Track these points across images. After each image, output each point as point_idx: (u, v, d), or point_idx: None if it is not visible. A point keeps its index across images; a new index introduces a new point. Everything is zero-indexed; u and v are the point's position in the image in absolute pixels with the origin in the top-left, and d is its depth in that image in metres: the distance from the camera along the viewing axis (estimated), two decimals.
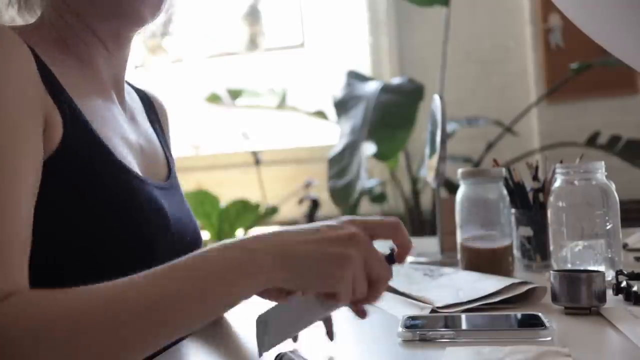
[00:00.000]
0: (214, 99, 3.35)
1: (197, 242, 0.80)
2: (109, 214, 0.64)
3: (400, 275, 0.91)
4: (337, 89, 2.73)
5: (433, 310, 0.74)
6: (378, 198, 3.07)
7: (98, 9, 0.71)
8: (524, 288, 0.76)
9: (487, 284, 0.79)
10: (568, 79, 2.63)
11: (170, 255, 0.62)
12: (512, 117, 2.75)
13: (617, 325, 0.63)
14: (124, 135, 0.74)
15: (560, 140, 2.62)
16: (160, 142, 0.86)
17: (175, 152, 0.93)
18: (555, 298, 0.72)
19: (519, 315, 0.67)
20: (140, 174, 0.72)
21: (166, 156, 0.84)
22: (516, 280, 0.79)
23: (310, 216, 3.04)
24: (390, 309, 0.76)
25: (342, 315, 0.80)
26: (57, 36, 0.72)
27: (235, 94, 3.35)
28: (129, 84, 0.87)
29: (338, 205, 2.38)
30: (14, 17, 0.76)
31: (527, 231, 1.05)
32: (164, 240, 0.69)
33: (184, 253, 0.54)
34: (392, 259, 0.57)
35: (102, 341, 0.47)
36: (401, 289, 0.84)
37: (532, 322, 0.63)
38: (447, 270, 0.94)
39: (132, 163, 0.72)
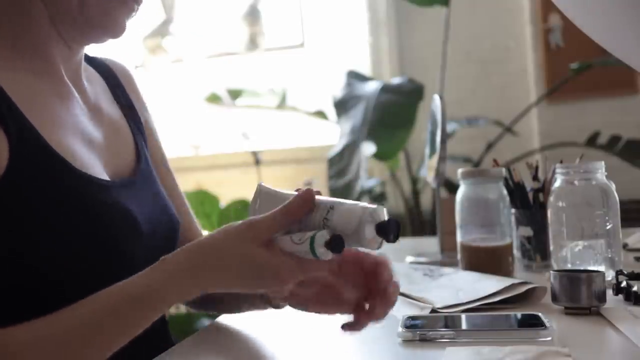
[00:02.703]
0: (214, 99, 3.35)
1: (172, 234, 0.77)
2: (72, 227, 0.62)
3: (400, 276, 0.91)
4: (337, 89, 2.73)
5: (433, 310, 0.74)
6: (378, 198, 3.07)
7: (85, 17, 0.68)
8: (524, 288, 0.76)
9: (487, 284, 0.79)
10: (568, 79, 2.63)
11: (144, 253, 0.63)
12: (512, 117, 2.74)
13: (617, 325, 0.63)
14: (85, 135, 0.71)
15: (560, 140, 2.61)
16: (129, 124, 0.81)
17: (175, 152, 0.91)
18: (555, 298, 0.72)
19: (519, 315, 0.67)
20: (104, 175, 0.69)
21: (135, 142, 0.80)
22: (516, 281, 0.79)
23: None
24: None
25: (341, 315, 0.80)
26: (12, 36, 0.68)
27: (235, 94, 3.35)
28: (88, 59, 0.82)
29: None
30: None
31: (527, 231, 1.05)
32: (134, 242, 0.67)
33: (158, 249, 0.60)
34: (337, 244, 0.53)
35: None
36: (401, 289, 0.83)
37: (532, 322, 0.63)
38: (447, 270, 0.94)
39: (95, 165, 0.69)
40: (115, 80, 0.84)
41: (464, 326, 0.64)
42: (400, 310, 0.75)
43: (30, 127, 0.63)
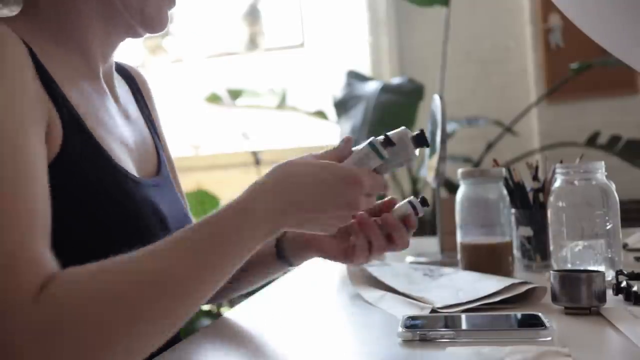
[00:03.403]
0: (214, 99, 3.35)
1: None
2: (109, 220, 0.64)
3: (400, 276, 0.91)
4: (337, 89, 2.73)
5: (433, 310, 0.74)
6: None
7: (128, 9, 0.70)
8: (524, 288, 0.76)
9: (487, 284, 0.79)
10: (568, 79, 2.63)
11: None
12: (512, 117, 2.74)
13: (617, 325, 0.63)
14: (118, 134, 0.73)
15: (560, 140, 2.62)
16: (149, 129, 0.84)
17: (175, 152, 0.93)
18: (555, 298, 0.72)
19: (519, 315, 0.67)
20: (135, 174, 0.71)
21: (155, 145, 0.83)
22: (516, 281, 0.79)
23: None
24: (390, 309, 0.76)
25: (342, 315, 0.80)
26: (54, 30, 0.70)
27: (235, 94, 3.35)
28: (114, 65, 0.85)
29: None
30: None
31: (527, 231, 1.05)
32: (162, 237, 0.69)
33: None
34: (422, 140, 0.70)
35: (136, 315, 0.51)
36: (401, 289, 0.83)
37: (532, 322, 0.63)
38: (447, 270, 0.94)
39: (127, 163, 0.71)
40: (135, 85, 0.88)
41: (464, 326, 0.64)
42: (400, 310, 0.75)
43: (76, 115, 0.65)
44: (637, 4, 0.58)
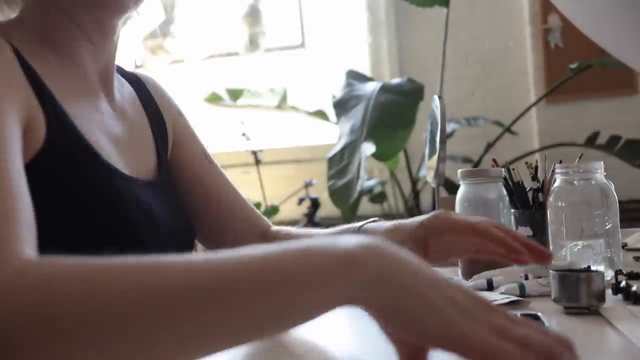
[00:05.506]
0: (214, 99, 3.36)
1: (188, 240, 0.78)
2: (95, 216, 0.63)
3: None
4: (337, 89, 2.73)
5: None
6: (378, 198, 3.07)
7: None
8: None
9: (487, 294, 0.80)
10: (567, 79, 2.64)
11: (161, 252, 0.61)
12: (511, 118, 2.75)
13: (616, 325, 0.63)
14: (110, 132, 0.72)
15: (560, 141, 2.62)
16: (153, 132, 0.82)
17: None
18: (554, 298, 0.72)
19: (518, 314, 0.67)
20: (127, 173, 0.70)
21: (157, 151, 0.81)
22: (513, 298, 0.76)
23: (310, 216, 3.04)
24: None
25: (342, 315, 0.80)
26: (40, 32, 0.69)
27: (235, 94, 3.36)
28: (120, 71, 0.84)
29: (338, 205, 2.38)
30: None
31: (527, 231, 1.05)
32: (153, 240, 0.68)
33: (175, 252, 0.48)
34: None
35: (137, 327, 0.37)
36: None
37: None
38: (447, 270, 0.94)
39: (119, 162, 0.70)
40: (144, 90, 0.86)
41: None
42: None
43: (64, 114, 0.64)
44: (636, 4, 0.58)
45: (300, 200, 3.05)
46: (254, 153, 3.12)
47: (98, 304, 0.37)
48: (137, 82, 0.86)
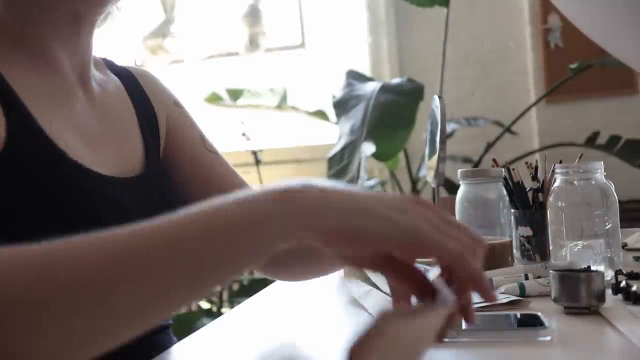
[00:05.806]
0: (214, 99, 3.35)
1: None
2: (60, 215, 0.62)
3: None
4: (337, 89, 2.73)
5: None
6: None
7: None
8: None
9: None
10: (567, 79, 2.64)
11: None
12: (511, 117, 2.75)
13: (616, 325, 0.63)
14: (86, 131, 0.71)
15: (560, 141, 2.62)
16: (140, 126, 0.80)
17: None
18: (554, 298, 0.72)
19: (518, 314, 0.67)
20: (103, 171, 0.69)
21: (145, 143, 0.79)
22: (513, 298, 0.76)
23: None
24: (371, 308, 0.76)
25: (341, 315, 0.80)
26: (12, 35, 0.68)
27: (235, 94, 3.36)
28: (111, 66, 0.82)
29: None
30: None
31: (527, 231, 1.05)
32: None
33: None
34: None
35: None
36: (388, 291, 0.83)
37: (531, 322, 0.64)
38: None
39: (93, 160, 0.69)
40: (134, 84, 0.83)
41: (463, 326, 0.65)
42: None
43: (29, 116, 0.64)
44: (636, 4, 0.58)
45: None
46: (254, 153, 3.12)
47: (48, 282, 0.37)
48: (128, 77, 0.84)
